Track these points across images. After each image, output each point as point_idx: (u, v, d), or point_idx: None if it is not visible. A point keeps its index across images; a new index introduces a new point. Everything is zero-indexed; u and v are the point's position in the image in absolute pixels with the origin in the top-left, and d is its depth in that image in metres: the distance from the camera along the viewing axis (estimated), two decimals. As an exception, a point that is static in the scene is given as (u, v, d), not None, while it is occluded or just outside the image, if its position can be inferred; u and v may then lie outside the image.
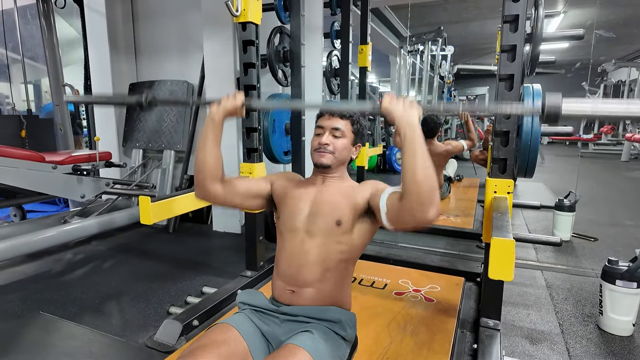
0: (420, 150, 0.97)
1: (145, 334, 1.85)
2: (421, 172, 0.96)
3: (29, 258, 2.84)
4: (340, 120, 1.24)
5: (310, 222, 1.21)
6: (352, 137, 1.26)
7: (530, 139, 1.91)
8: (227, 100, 1.24)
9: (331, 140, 1.23)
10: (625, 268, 1.84)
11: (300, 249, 1.21)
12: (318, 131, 1.27)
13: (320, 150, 1.23)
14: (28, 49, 4.70)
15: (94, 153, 3.07)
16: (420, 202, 0.96)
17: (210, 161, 1.24)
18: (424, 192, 0.96)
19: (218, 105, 1.24)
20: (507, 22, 1.67)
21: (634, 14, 6.27)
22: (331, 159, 1.23)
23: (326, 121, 1.25)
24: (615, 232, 3.44)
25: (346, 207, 1.20)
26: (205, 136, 1.25)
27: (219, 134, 1.26)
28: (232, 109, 1.24)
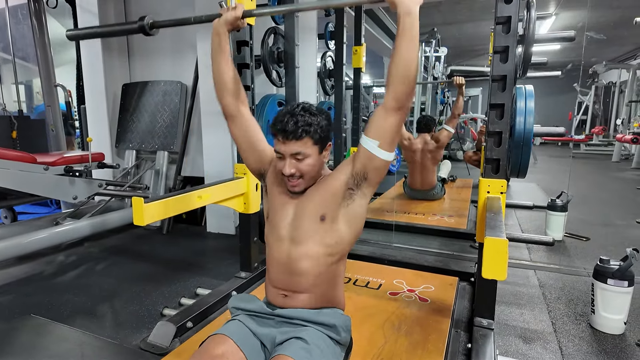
0: (417, 39, 1.08)
1: (139, 336, 1.84)
2: (413, 60, 1.08)
3: (20, 260, 2.81)
4: (297, 142, 1.12)
5: (294, 228, 1.20)
6: (317, 148, 1.16)
7: (522, 139, 1.93)
8: (228, 12, 1.31)
9: (295, 165, 1.14)
10: (616, 267, 1.86)
11: (287, 259, 1.20)
12: (278, 155, 1.17)
13: (289, 180, 1.17)
14: (19, 49, 4.65)
15: (86, 154, 3.04)
16: (409, 85, 1.08)
17: (224, 76, 1.32)
18: (413, 77, 1.08)
19: (219, 18, 1.32)
20: (499, 24, 1.68)
21: (623, 16, 6.35)
22: (303, 184, 1.19)
23: (282, 147, 1.14)
24: (607, 232, 3.48)
25: (327, 198, 1.18)
26: (214, 49, 1.33)
27: (226, 46, 1.33)
28: (233, 19, 1.32)
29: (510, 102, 1.71)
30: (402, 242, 3.08)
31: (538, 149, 9.98)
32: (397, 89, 1.09)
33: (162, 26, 1.74)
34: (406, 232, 3.30)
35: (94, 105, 3.87)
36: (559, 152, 10.53)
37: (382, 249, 2.93)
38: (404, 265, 2.48)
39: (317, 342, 1.10)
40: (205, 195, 1.92)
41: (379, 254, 2.67)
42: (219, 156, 3.33)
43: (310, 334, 1.12)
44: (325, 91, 4.00)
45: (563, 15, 6.65)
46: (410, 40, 1.07)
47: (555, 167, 8.01)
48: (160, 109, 3.69)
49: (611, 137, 10.00)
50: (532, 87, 2.04)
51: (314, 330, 1.14)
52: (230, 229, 3.45)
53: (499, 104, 1.70)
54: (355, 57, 3.65)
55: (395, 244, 3.05)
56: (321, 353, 1.08)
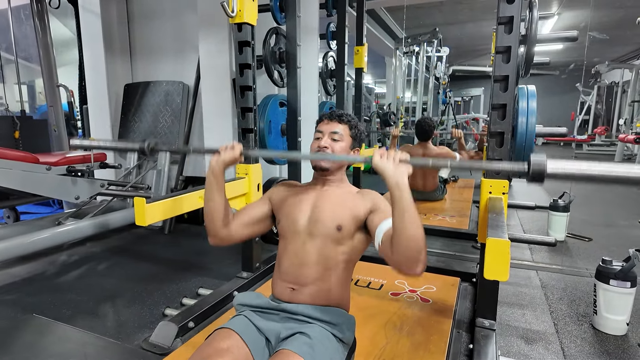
0: (409, 210, 0.99)
1: (141, 336, 1.84)
2: (410, 232, 0.98)
3: (23, 260, 2.82)
4: (339, 125, 1.28)
5: (311, 225, 1.24)
6: (350, 141, 1.29)
7: (525, 139, 1.92)
8: (226, 152, 1.29)
9: (330, 143, 1.26)
10: (619, 268, 1.85)
11: (301, 249, 1.23)
12: (317, 135, 1.30)
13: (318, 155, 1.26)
14: (22, 50, 4.67)
15: (88, 154, 3.05)
16: (407, 259, 1.01)
17: (219, 210, 1.29)
18: (412, 252, 0.99)
19: (217, 158, 1.29)
20: (501, 24, 1.68)
21: (626, 16, 6.33)
22: (330, 163, 1.27)
23: (325, 126, 1.29)
24: (609, 232, 3.47)
25: (346, 215, 1.22)
26: (209, 187, 1.30)
27: (222, 183, 1.31)
28: (230, 160, 1.29)
29: (513, 102, 1.70)
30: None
31: (540, 149, 9.95)
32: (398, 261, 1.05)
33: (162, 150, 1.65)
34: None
35: (96, 106, 3.88)
36: (561, 152, 10.50)
37: (383, 249, 2.92)
38: (405, 266, 2.47)
39: (320, 338, 1.11)
40: (207, 196, 1.92)
41: (381, 254, 2.67)
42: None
43: (314, 330, 1.13)
44: (327, 91, 4.00)
45: (565, 15, 6.64)
46: (403, 213, 0.99)
47: (557, 167, 7.97)
48: (162, 109, 3.70)
49: (614, 137, 9.97)
50: (534, 87, 2.03)
51: (318, 327, 1.15)
52: (232, 229, 3.44)
53: (502, 105, 1.70)
54: (357, 57, 3.65)
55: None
56: (324, 350, 1.09)
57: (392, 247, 1.04)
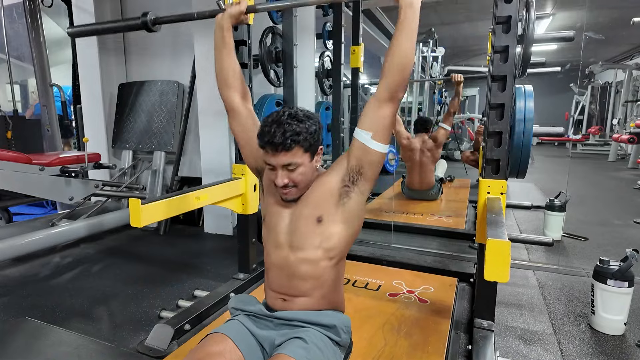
0: (415, 32, 1.11)
1: (136, 338, 1.82)
2: (411, 52, 1.11)
3: (16, 262, 2.78)
4: (288, 153, 1.09)
5: (291, 232, 1.18)
6: (308, 155, 1.13)
7: (522, 139, 1.92)
8: (232, 7, 1.34)
9: (288, 176, 1.11)
10: (616, 268, 1.85)
11: (286, 264, 1.19)
12: (269, 167, 1.14)
13: (282, 189, 1.14)
14: (14, 49, 4.60)
15: (82, 154, 3.02)
16: (404, 76, 1.12)
17: (226, 70, 1.34)
18: (408, 69, 1.12)
19: (224, 13, 1.34)
20: (499, 23, 1.67)
21: (620, 16, 6.37)
22: (297, 192, 1.16)
23: (272, 159, 1.10)
24: (605, 232, 3.48)
25: (323, 199, 1.16)
26: (217, 43, 1.34)
27: (230, 40, 1.34)
28: (237, 13, 1.34)
29: (510, 102, 1.70)
30: (401, 242, 3.06)
31: (535, 149, 10.00)
32: (392, 79, 1.12)
33: (165, 22, 1.74)
34: (405, 233, 3.29)
35: (90, 105, 3.84)
36: (555, 152, 10.56)
37: (381, 250, 2.92)
38: (403, 266, 2.47)
39: (316, 341, 1.09)
40: (203, 196, 1.90)
41: (378, 255, 2.66)
42: (216, 156, 3.31)
43: (310, 334, 1.11)
44: (324, 91, 3.99)
45: (560, 16, 6.67)
46: (410, 33, 1.11)
47: (552, 167, 8.03)
48: (157, 109, 3.67)
49: (607, 137, 10.03)
50: (531, 86, 2.03)
51: (314, 331, 1.13)
52: (228, 229, 3.42)
53: (499, 104, 1.69)
54: (353, 57, 3.64)
55: (394, 244, 3.03)
56: (320, 353, 1.07)
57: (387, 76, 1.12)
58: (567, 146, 10.79)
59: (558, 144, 11.59)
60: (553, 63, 9.78)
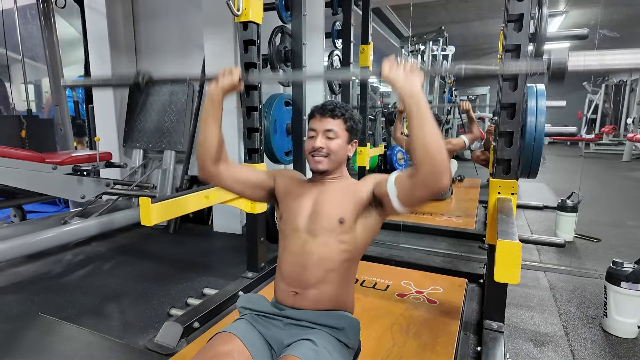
0: (427, 120, 0.95)
1: (146, 336, 1.83)
2: (432, 142, 0.95)
3: (29, 259, 2.83)
4: (332, 121, 1.20)
5: (312, 222, 1.20)
6: (347, 135, 1.22)
7: (534, 139, 1.89)
8: (224, 78, 1.22)
9: (325, 142, 1.19)
10: (630, 270, 1.82)
11: (302, 250, 1.19)
12: (311, 134, 1.23)
13: (315, 155, 1.20)
14: (28, 49, 4.69)
15: (94, 153, 3.05)
16: (434, 171, 0.96)
17: (211, 141, 1.24)
18: (437, 161, 0.95)
19: (216, 84, 1.23)
20: (511, 21, 1.65)
21: (635, 13, 6.25)
22: (327, 164, 1.20)
23: (318, 123, 1.21)
24: (618, 233, 3.42)
25: (349, 204, 1.18)
26: (205, 116, 1.25)
27: (219, 113, 1.26)
28: (229, 86, 1.23)
29: (522, 101, 1.68)
30: (410, 242, 3.05)
31: (546, 148, 9.86)
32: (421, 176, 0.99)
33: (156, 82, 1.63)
34: (414, 233, 3.27)
35: (101, 105, 3.89)
36: (567, 152, 10.41)
37: (389, 250, 2.91)
38: (411, 266, 2.46)
39: (325, 344, 1.09)
40: (212, 195, 1.91)
41: (387, 255, 2.65)
42: (226, 156, 3.32)
43: (319, 336, 1.10)
44: (332, 90, 3.98)
45: (573, 14, 6.57)
46: (420, 121, 0.97)
47: (564, 166, 7.92)
48: (167, 109, 3.70)
49: (621, 136, 9.86)
50: (543, 86, 2.00)
51: (323, 333, 1.13)
52: (237, 228, 3.44)
53: (511, 104, 1.67)
54: (363, 56, 3.62)
55: (403, 244, 3.02)
56: (329, 355, 1.07)
57: (414, 174, 1.01)
58: (580, 146, 10.63)
59: (570, 144, 11.43)
60: (566, 61, 9.48)
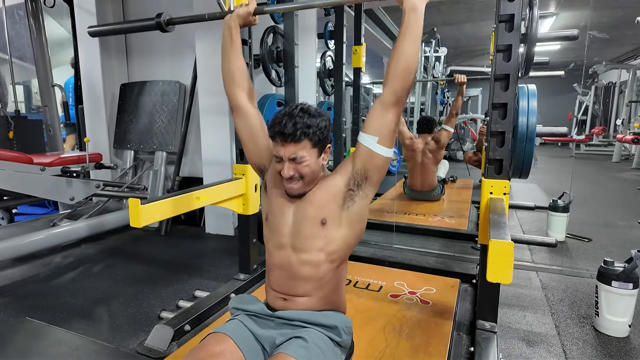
0: (419, 34, 1.10)
1: (136, 339, 1.81)
2: (412, 51, 1.10)
3: (16, 262, 2.78)
4: (297, 145, 1.10)
5: (295, 235, 1.17)
6: (316, 150, 1.14)
7: (525, 139, 1.90)
8: (240, 7, 1.39)
9: (295, 168, 1.11)
10: (621, 269, 1.83)
11: (288, 266, 1.18)
12: (277, 159, 1.15)
13: (288, 182, 1.14)
14: (17, 49, 4.61)
15: (83, 155, 3.01)
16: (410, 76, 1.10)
17: (230, 67, 1.36)
18: (410, 64, 1.10)
19: (231, 14, 1.39)
20: (502, 22, 1.66)
21: (624, 16, 6.33)
22: (302, 186, 1.15)
23: (281, 149, 1.11)
24: (608, 233, 3.46)
25: (328, 200, 1.16)
26: (225, 42, 1.38)
27: (238, 40, 1.38)
28: (245, 14, 1.39)
29: (513, 101, 1.68)
30: (403, 243, 3.05)
31: (538, 149, 9.95)
32: (397, 84, 1.11)
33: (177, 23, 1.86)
34: (407, 233, 3.27)
35: (91, 106, 3.84)
36: (558, 153, 10.51)
37: (382, 251, 2.90)
38: (404, 267, 2.45)
39: (317, 342, 1.08)
40: (203, 196, 1.89)
41: (380, 256, 2.64)
42: (217, 157, 3.30)
43: (311, 334, 1.10)
44: (325, 91, 3.97)
45: (563, 15, 6.64)
46: (414, 37, 1.10)
47: (555, 167, 7.99)
48: (158, 109, 3.66)
49: (611, 137, 9.98)
50: (534, 86, 2.01)
51: (315, 331, 1.13)
52: (229, 230, 3.42)
53: (502, 104, 1.68)
54: (355, 57, 3.62)
55: (396, 245, 3.02)
56: (321, 353, 1.06)
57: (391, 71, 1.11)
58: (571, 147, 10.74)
59: (561, 145, 11.55)
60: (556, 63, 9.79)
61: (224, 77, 1.38)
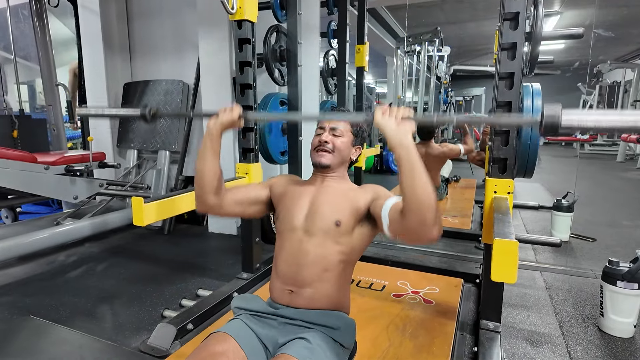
0: (417, 169, 0.94)
1: (139, 338, 1.81)
2: (421, 191, 0.93)
3: (21, 260, 2.79)
4: (340, 123, 1.27)
5: (309, 221, 1.20)
6: (352, 137, 1.28)
7: (530, 138, 1.89)
8: (224, 114, 1.24)
9: (331, 138, 1.25)
10: (626, 269, 1.82)
11: (298, 249, 1.19)
12: (318, 131, 1.29)
13: (320, 149, 1.25)
14: (21, 49, 4.64)
15: (87, 154, 3.02)
16: (422, 221, 0.93)
17: (209, 175, 1.23)
18: (425, 212, 0.93)
19: (216, 119, 1.24)
20: (506, 20, 1.65)
21: (630, 14, 6.29)
22: (330, 159, 1.24)
23: (326, 122, 1.28)
24: (613, 233, 3.43)
25: (346, 209, 1.18)
26: (204, 150, 1.25)
27: (218, 147, 1.26)
28: (229, 122, 1.24)
29: (518, 100, 1.67)
30: (406, 242, 3.04)
31: (541, 149, 9.92)
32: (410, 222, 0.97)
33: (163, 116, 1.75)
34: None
35: (95, 105, 3.85)
36: (562, 152, 10.47)
37: (385, 250, 2.89)
38: (407, 267, 2.44)
39: (320, 343, 1.08)
40: (206, 195, 1.89)
41: (383, 255, 2.64)
42: (220, 156, 3.30)
43: (314, 335, 1.10)
44: (328, 90, 3.97)
45: (568, 14, 6.61)
46: (413, 172, 0.95)
47: (559, 167, 7.96)
48: (161, 108, 3.66)
49: (616, 137, 9.92)
50: (539, 85, 2.00)
51: (318, 332, 1.12)
52: (232, 229, 3.42)
53: (507, 102, 1.67)
54: (358, 56, 3.62)
55: (399, 244, 3.01)
56: (324, 354, 1.06)
57: (403, 216, 0.98)
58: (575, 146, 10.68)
59: (565, 144, 11.50)
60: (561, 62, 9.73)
61: (197, 183, 1.26)
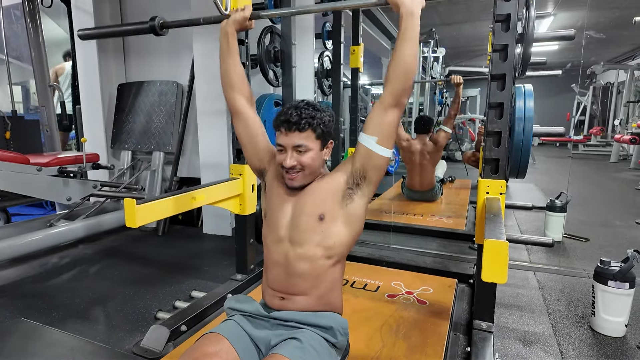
0: (415, 38, 1.12)
1: (132, 340, 1.80)
2: (410, 60, 1.11)
3: (13, 262, 2.77)
4: (300, 134, 1.13)
5: (293, 229, 1.18)
6: (319, 143, 1.17)
7: (522, 139, 1.90)
8: (236, 13, 1.40)
9: (296, 158, 1.14)
10: (617, 269, 1.83)
11: (286, 261, 1.19)
12: (279, 148, 1.17)
13: (289, 173, 1.16)
14: (14, 49, 4.60)
15: (80, 155, 3.01)
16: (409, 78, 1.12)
17: (229, 73, 1.36)
18: (410, 76, 1.12)
19: (227, 19, 1.40)
20: (498, 22, 1.66)
21: (621, 16, 6.34)
22: (302, 179, 1.17)
23: (284, 138, 1.14)
24: (606, 233, 3.46)
25: (327, 198, 1.17)
26: (221, 50, 1.39)
27: (235, 46, 1.39)
28: (241, 19, 1.40)
29: (510, 101, 1.68)
30: (400, 243, 3.05)
31: (536, 149, 9.98)
32: (396, 86, 1.12)
33: (172, 26, 1.82)
34: (404, 234, 3.27)
35: (89, 106, 3.84)
36: (556, 153, 10.53)
37: (380, 251, 2.90)
38: (402, 267, 2.45)
39: (312, 342, 1.09)
40: (199, 196, 1.88)
41: (377, 256, 2.64)
42: (215, 157, 3.30)
43: (306, 335, 1.11)
44: (323, 91, 3.97)
45: (561, 16, 6.65)
46: (411, 40, 1.11)
47: (553, 167, 8.00)
48: (156, 109, 3.66)
49: (609, 137, 10.00)
50: (531, 86, 2.01)
51: (310, 332, 1.13)
52: (226, 230, 3.41)
53: (499, 103, 1.67)
54: (353, 57, 3.63)
55: (394, 245, 3.02)
56: (316, 354, 1.06)
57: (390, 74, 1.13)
58: (569, 147, 10.75)
59: (559, 145, 11.56)
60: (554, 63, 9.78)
61: (223, 82, 1.38)
